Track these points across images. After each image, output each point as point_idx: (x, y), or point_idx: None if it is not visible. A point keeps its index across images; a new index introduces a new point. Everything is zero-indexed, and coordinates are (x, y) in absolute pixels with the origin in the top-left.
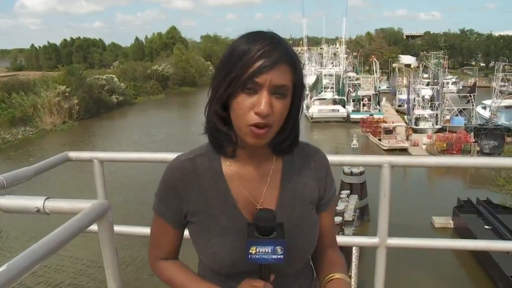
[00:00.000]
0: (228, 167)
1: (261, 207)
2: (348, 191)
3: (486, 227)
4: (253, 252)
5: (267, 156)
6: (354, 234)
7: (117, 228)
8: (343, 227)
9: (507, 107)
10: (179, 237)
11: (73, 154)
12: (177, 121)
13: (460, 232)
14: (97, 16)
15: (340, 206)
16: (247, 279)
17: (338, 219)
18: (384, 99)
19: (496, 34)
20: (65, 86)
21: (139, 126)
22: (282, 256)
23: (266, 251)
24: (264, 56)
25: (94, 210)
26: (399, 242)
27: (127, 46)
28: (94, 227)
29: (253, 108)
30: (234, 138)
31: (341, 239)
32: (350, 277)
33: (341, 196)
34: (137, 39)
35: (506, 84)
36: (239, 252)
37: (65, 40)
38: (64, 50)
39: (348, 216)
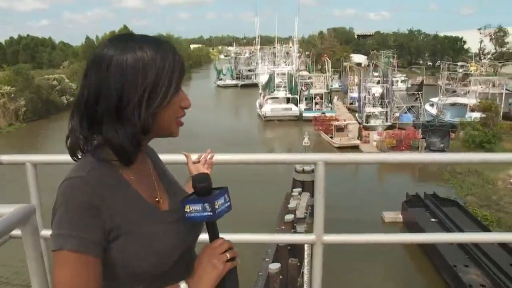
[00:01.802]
0: (124, 172)
1: (158, 199)
2: (300, 189)
3: (432, 220)
4: (188, 210)
5: (144, 156)
6: (306, 231)
7: (47, 233)
8: (295, 224)
9: (452, 104)
10: (101, 271)
11: (4, 158)
12: None
13: (409, 225)
14: (43, 14)
15: (292, 204)
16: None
17: (290, 216)
18: (336, 97)
19: (442, 34)
20: (10, 87)
21: None
22: (211, 213)
23: (197, 208)
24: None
25: (16, 215)
26: (336, 239)
27: (77, 46)
28: (18, 232)
29: (179, 103)
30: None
31: (278, 237)
32: (302, 274)
33: (293, 194)
34: (88, 38)
35: (451, 82)
36: (178, 239)
37: (11, 38)
38: (10, 49)
39: (300, 213)
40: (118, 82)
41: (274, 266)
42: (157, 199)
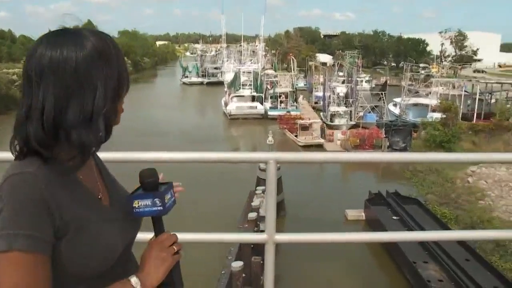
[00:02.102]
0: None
1: (101, 196)
2: (264, 187)
3: (394, 217)
4: (137, 206)
5: None
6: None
7: None
8: (258, 222)
9: (414, 105)
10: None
11: None
12: None
13: (371, 223)
14: (1, 5)
15: (255, 202)
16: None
17: (253, 215)
18: (301, 96)
19: (405, 36)
20: None
21: None
22: (161, 208)
23: (147, 203)
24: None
25: None
26: (288, 238)
27: None
28: None
29: None
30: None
31: (230, 236)
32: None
33: (256, 192)
34: None
35: (414, 83)
36: (121, 236)
37: None
38: None
39: (263, 211)
40: (90, 84)
41: (237, 264)
42: (99, 196)
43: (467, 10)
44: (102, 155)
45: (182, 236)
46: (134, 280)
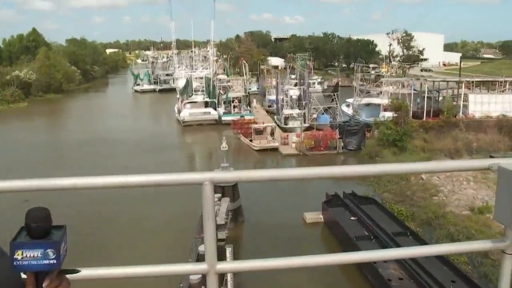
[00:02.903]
0: None
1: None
2: (220, 195)
3: (352, 218)
4: (19, 257)
5: None
6: (228, 237)
7: None
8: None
9: (367, 105)
10: None
11: None
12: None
13: (329, 225)
14: None
15: None
16: None
17: None
18: (254, 100)
19: (355, 37)
20: None
21: None
22: (55, 261)
23: (35, 255)
24: None
25: None
26: (231, 267)
27: None
28: None
29: None
30: None
31: (170, 268)
32: (226, 281)
33: None
34: None
35: (364, 83)
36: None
37: None
38: None
39: (220, 219)
40: None
41: (195, 277)
42: None
43: (412, 12)
44: None
45: (112, 271)
46: None
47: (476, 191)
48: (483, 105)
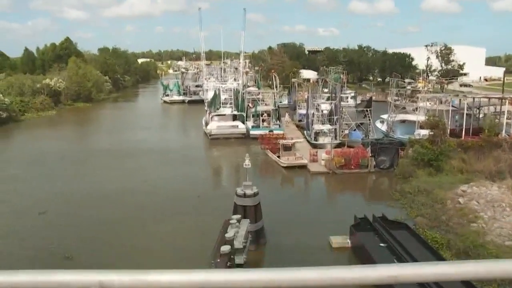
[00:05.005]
0: None
1: None
2: (239, 216)
3: (381, 244)
4: None
5: None
6: (246, 261)
7: None
8: (232, 256)
9: (402, 121)
10: None
11: None
12: (68, 143)
13: (357, 251)
14: None
15: (229, 233)
16: None
17: (226, 248)
18: (287, 114)
19: (391, 51)
20: None
21: (23, 151)
22: None
23: None
24: None
25: None
26: None
27: (16, 57)
28: None
29: None
30: None
31: None
32: None
33: (231, 222)
34: (26, 49)
35: (399, 98)
36: None
37: None
38: None
39: (238, 243)
40: None
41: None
42: None
43: (450, 24)
44: None
45: None
46: None
47: None
48: None
